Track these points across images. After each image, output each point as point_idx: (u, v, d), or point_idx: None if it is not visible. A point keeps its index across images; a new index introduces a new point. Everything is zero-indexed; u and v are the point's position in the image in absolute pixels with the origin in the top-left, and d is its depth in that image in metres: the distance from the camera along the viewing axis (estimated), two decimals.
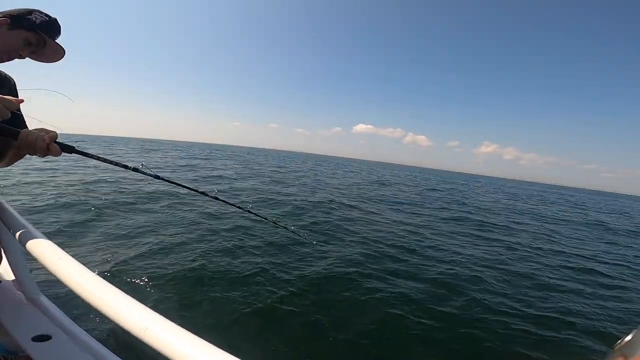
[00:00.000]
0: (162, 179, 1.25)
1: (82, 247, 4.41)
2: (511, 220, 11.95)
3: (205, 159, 26.99)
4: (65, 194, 7.63)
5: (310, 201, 10.11)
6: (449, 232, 8.11)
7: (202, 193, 1.48)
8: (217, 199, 1.51)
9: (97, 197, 7.61)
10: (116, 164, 1.14)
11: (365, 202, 11.68)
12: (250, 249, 4.99)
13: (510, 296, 4.35)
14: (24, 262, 1.22)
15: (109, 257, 4.13)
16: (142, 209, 7.00)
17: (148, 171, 1.18)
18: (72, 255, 0.87)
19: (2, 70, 1.20)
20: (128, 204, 7.27)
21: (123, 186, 9.20)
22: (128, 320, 0.59)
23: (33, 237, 0.98)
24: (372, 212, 9.74)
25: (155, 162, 19.46)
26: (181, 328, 0.57)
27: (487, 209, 14.38)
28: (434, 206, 13.14)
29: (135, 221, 5.94)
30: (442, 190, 22.40)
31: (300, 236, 3.26)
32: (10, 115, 0.93)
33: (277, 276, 4.06)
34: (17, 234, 1.02)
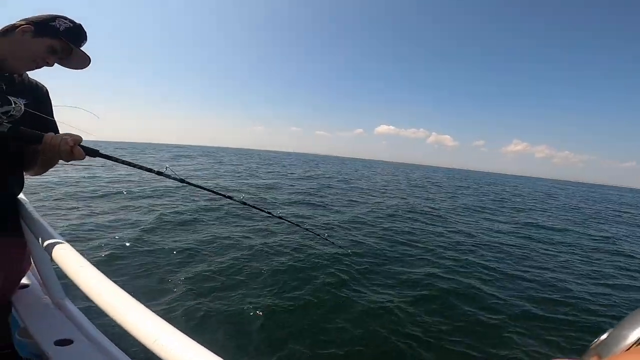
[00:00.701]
0: (188, 183, 1.26)
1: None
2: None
3: (250, 166, 26.48)
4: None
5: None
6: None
7: (229, 197, 1.47)
8: (245, 203, 1.50)
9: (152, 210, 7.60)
10: (140, 167, 1.15)
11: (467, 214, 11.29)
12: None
13: None
14: (51, 267, 1.26)
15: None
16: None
17: (173, 175, 1.18)
18: (97, 263, 0.89)
19: (34, 78, 1.23)
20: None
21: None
22: (137, 329, 0.60)
23: (57, 243, 1.02)
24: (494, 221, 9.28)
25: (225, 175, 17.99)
26: (192, 340, 0.57)
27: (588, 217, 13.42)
28: (558, 220, 12.29)
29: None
30: (522, 195, 21.75)
31: (334, 243, 3.16)
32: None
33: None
34: (42, 239, 1.06)
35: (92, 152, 1.02)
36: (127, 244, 4.94)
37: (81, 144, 0.99)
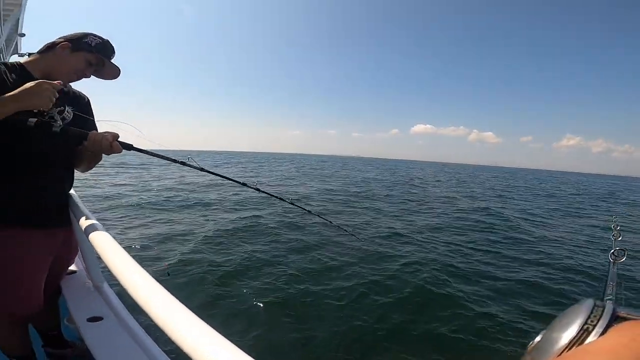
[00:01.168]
0: (207, 171, 1.42)
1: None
2: None
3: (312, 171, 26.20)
4: None
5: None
6: None
7: (244, 184, 1.63)
8: (258, 190, 1.65)
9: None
10: (167, 158, 1.31)
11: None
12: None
13: None
14: (94, 255, 1.43)
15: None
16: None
17: (194, 164, 1.34)
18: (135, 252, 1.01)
19: (76, 89, 1.43)
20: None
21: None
22: (149, 306, 0.68)
23: (99, 234, 1.16)
24: None
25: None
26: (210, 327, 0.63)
27: None
28: None
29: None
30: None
31: (347, 232, 3.20)
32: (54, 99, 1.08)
33: None
34: (87, 230, 1.21)
35: (127, 147, 1.19)
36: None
37: (118, 139, 1.16)
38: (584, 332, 0.21)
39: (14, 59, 6.75)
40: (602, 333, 0.20)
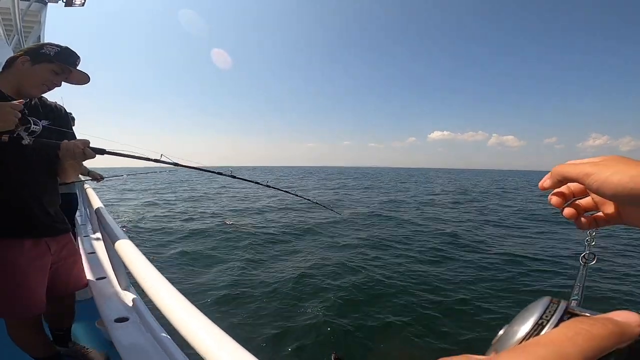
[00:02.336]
0: (182, 165, 1.43)
1: None
2: None
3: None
4: None
5: None
6: None
7: (219, 173, 1.66)
8: (234, 177, 1.65)
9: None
10: (140, 157, 1.33)
11: None
12: None
13: None
14: (120, 262, 1.56)
15: None
16: None
17: (168, 160, 1.37)
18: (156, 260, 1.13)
19: (52, 100, 1.46)
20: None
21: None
22: (170, 311, 0.78)
23: (124, 242, 1.29)
24: None
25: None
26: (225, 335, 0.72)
27: None
28: None
29: None
30: None
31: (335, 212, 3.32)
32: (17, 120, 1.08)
33: None
34: (114, 239, 1.35)
35: (100, 151, 1.22)
36: None
37: (90, 145, 1.20)
38: (538, 326, 0.23)
39: None
40: (555, 327, 0.22)
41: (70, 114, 2.00)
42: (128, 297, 1.48)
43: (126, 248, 1.29)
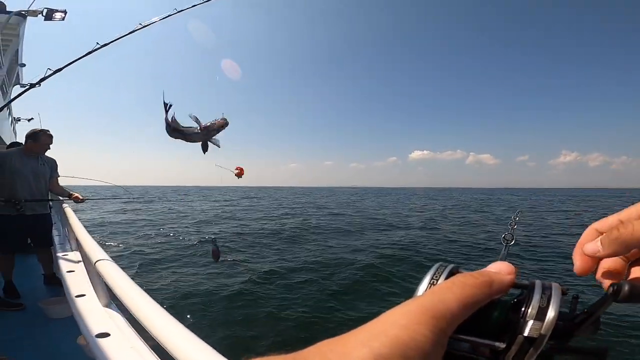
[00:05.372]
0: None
1: None
2: None
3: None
4: None
5: None
6: None
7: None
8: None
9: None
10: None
11: None
12: None
13: None
14: (100, 278, 1.59)
15: None
16: None
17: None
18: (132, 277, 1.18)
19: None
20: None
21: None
22: (152, 325, 0.84)
23: (104, 260, 1.33)
24: None
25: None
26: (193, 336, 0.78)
27: None
28: None
29: None
30: None
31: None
32: None
33: None
34: (94, 257, 1.38)
35: None
36: None
37: None
38: (430, 285, 0.28)
39: (17, 90, 6.99)
40: None
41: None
42: (109, 313, 1.50)
43: (106, 265, 1.34)
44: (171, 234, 9.85)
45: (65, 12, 5.57)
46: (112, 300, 1.59)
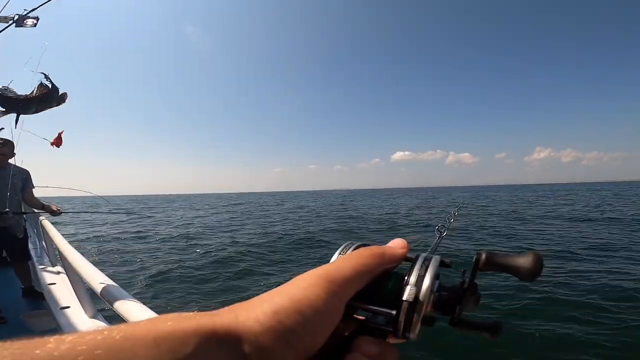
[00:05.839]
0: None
1: None
2: None
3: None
4: None
5: None
6: None
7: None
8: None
9: None
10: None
11: None
12: None
13: None
14: (85, 290, 1.60)
15: None
16: None
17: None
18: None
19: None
20: None
21: None
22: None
23: (89, 270, 1.34)
24: None
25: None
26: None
27: None
28: None
29: None
30: None
31: None
32: None
33: None
34: (77, 268, 1.39)
35: None
36: None
37: None
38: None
39: None
40: None
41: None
42: (96, 324, 1.51)
43: (93, 275, 1.35)
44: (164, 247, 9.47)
45: (37, 18, 5.41)
46: (99, 311, 1.60)
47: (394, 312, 0.27)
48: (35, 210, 3.50)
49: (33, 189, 3.23)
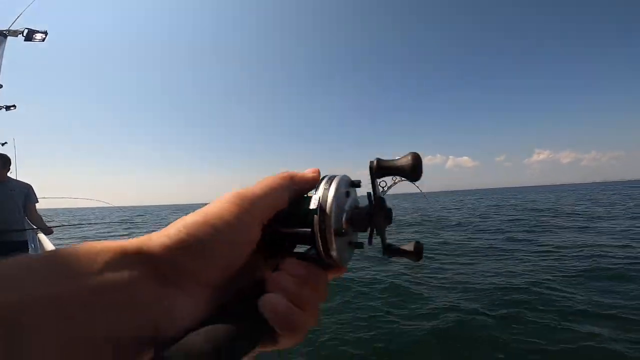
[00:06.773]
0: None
1: None
2: None
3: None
4: None
5: None
6: None
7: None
8: None
9: None
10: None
11: None
12: None
13: None
14: None
15: None
16: None
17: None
18: None
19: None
20: None
21: None
22: None
23: None
24: None
25: None
26: None
27: None
28: None
29: None
30: None
31: None
32: None
33: None
34: None
35: None
36: None
37: None
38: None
39: None
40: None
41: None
42: None
43: None
44: None
45: (46, 33, 5.49)
46: None
47: (309, 230, 0.27)
48: (34, 226, 3.43)
49: (36, 203, 3.16)
